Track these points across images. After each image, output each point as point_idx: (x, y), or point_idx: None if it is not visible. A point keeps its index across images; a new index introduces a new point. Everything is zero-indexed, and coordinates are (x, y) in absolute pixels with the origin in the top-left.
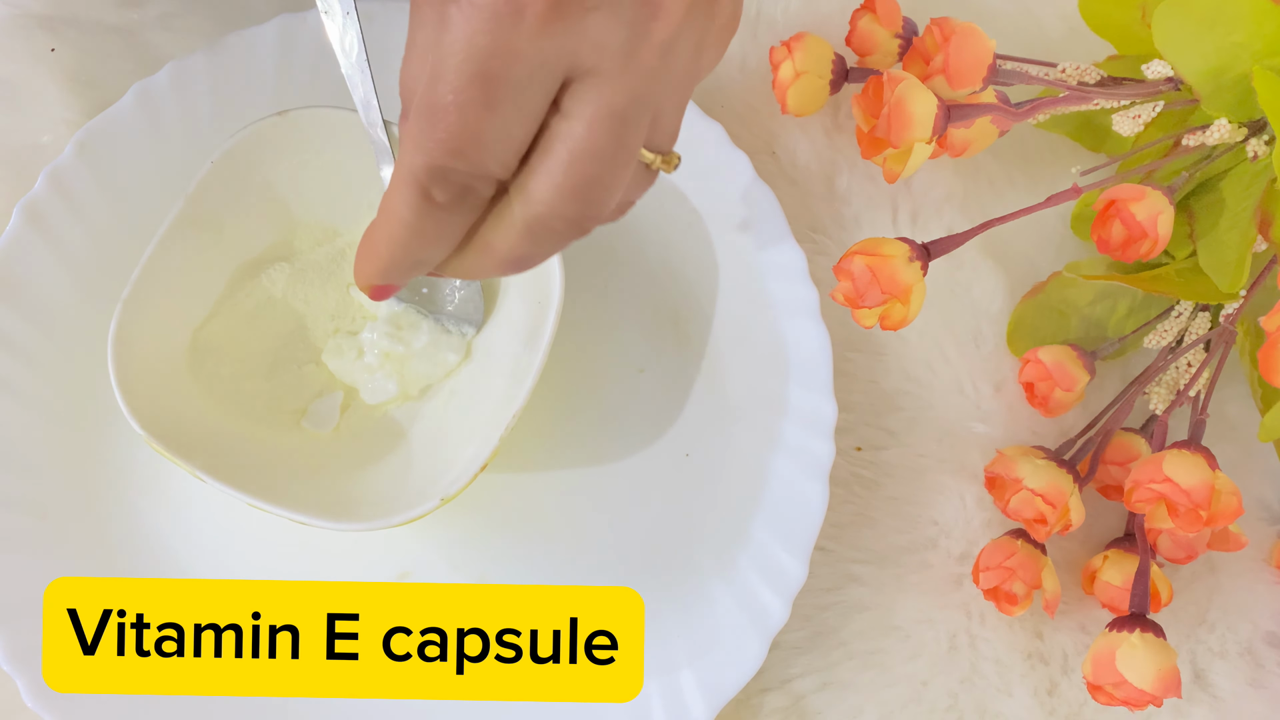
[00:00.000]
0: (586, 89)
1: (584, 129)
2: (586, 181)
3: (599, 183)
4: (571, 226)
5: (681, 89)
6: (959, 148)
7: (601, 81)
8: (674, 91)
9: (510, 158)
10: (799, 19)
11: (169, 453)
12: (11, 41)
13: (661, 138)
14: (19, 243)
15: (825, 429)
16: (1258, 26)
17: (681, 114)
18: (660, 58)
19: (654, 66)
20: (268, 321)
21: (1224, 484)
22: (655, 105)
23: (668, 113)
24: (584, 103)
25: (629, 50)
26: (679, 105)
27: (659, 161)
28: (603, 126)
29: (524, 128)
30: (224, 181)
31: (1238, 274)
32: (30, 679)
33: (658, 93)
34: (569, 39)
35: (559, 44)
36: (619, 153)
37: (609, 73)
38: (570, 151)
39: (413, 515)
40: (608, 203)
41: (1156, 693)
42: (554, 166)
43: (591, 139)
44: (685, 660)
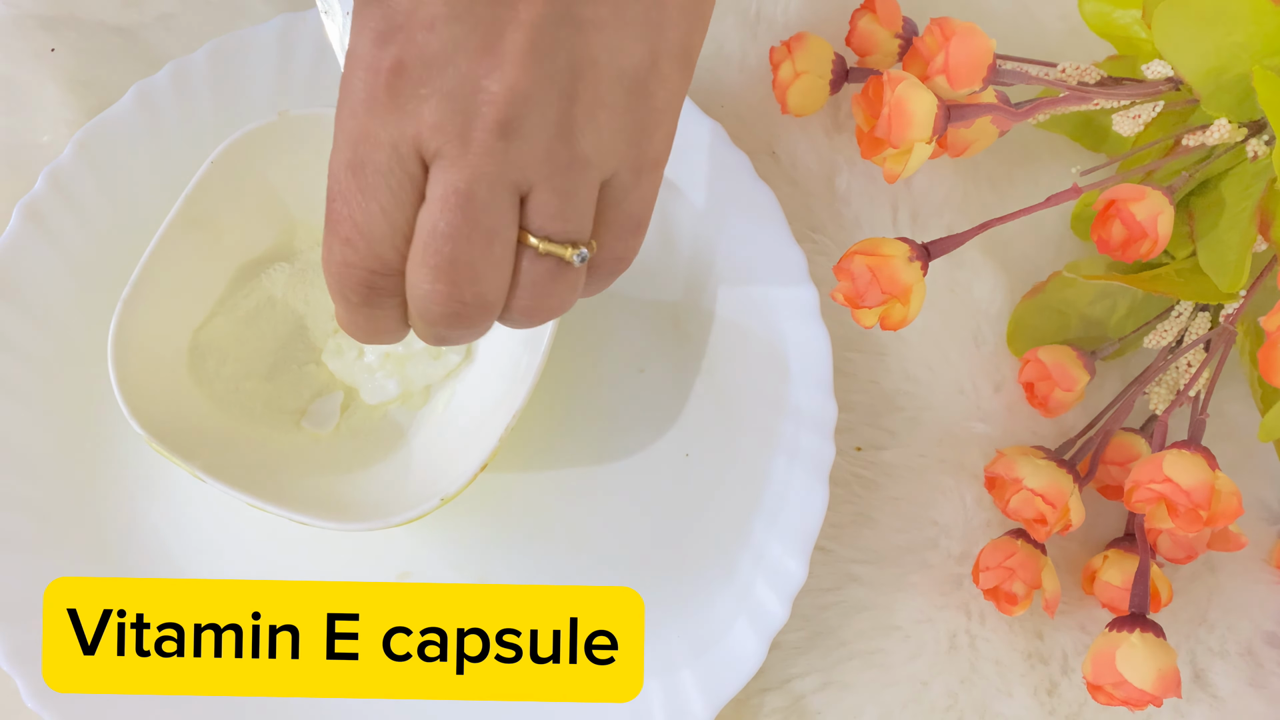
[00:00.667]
0: (435, 171)
1: (436, 208)
2: (447, 261)
3: (460, 262)
4: (449, 308)
5: (552, 170)
6: (959, 148)
7: (446, 163)
8: (541, 172)
9: (394, 243)
10: (799, 19)
11: (169, 453)
12: (11, 41)
13: (545, 219)
14: (19, 243)
15: (825, 429)
16: (1258, 26)
17: (570, 200)
18: (501, 138)
19: (494, 146)
20: (268, 321)
21: (1224, 484)
22: (515, 185)
23: (541, 195)
24: (434, 184)
25: (464, 131)
26: (558, 188)
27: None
28: (449, 204)
29: (397, 210)
30: (224, 181)
31: (1238, 274)
32: (30, 679)
33: (511, 172)
34: (408, 120)
35: (400, 125)
36: (473, 232)
37: (451, 154)
38: (426, 232)
39: (413, 515)
40: (479, 285)
41: (1156, 693)
42: (417, 248)
43: (442, 218)
44: (685, 660)
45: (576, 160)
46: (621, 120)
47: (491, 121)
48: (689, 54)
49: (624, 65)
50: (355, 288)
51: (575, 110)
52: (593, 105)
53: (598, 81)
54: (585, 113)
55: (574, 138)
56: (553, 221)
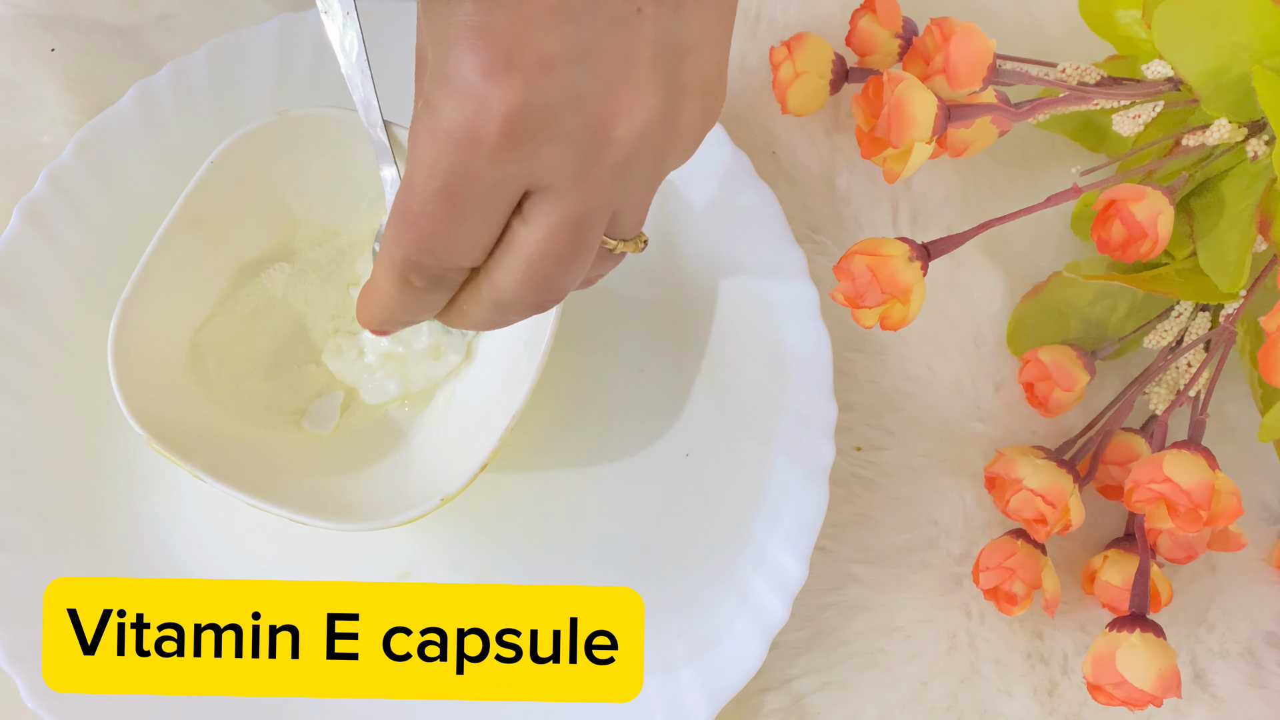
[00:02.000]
0: (544, 201)
1: (542, 236)
2: (545, 277)
3: (556, 278)
4: (533, 308)
5: (642, 191)
6: (959, 148)
7: (557, 197)
8: (634, 195)
9: (477, 255)
10: (799, 19)
11: (169, 453)
12: (11, 41)
13: (624, 229)
14: (19, 243)
15: (825, 429)
16: (1258, 26)
17: (645, 207)
18: (614, 177)
19: (608, 184)
20: (268, 321)
21: (1224, 484)
22: (614, 210)
23: (629, 211)
24: (542, 213)
25: (582, 173)
26: (641, 203)
27: (625, 247)
28: (559, 235)
29: (487, 233)
30: (224, 181)
31: (1238, 274)
32: (30, 679)
33: (615, 201)
34: (524, 165)
35: (514, 169)
36: (575, 255)
37: (564, 190)
38: (529, 255)
39: (413, 515)
40: (566, 289)
41: (1156, 693)
42: (515, 264)
43: (549, 246)
44: (685, 660)
45: (662, 177)
46: (699, 128)
47: (611, 164)
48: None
49: (707, 84)
50: (424, 276)
51: (673, 137)
52: (684, 127)
53: (692, 106)
54: (679, 136)
55: (666, 160)
56: (631, 229)
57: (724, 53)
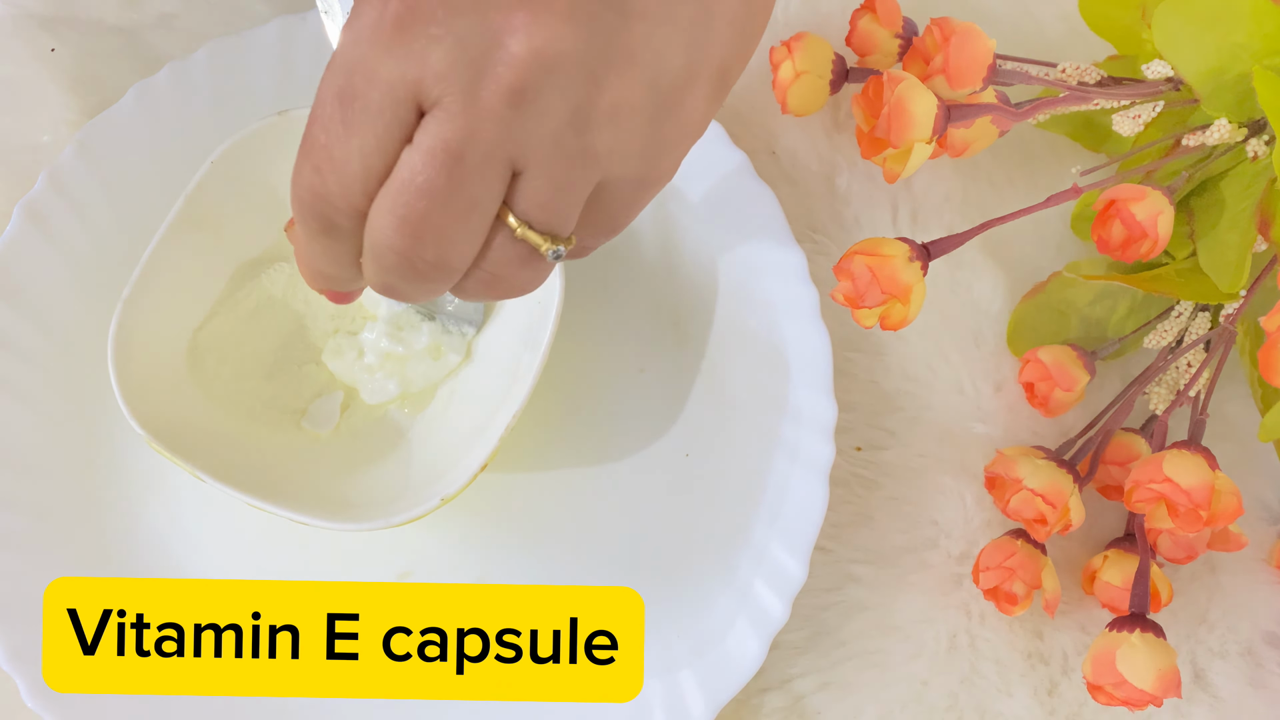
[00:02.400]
0: (430, 121)
1: (418, 159)
2: (415, 215)
3: (429, 220)
4: (406, 263)
5: (555, 157)
6: (959, 148)
7: (444, 115)
8: (543, 155)
9: (365, 184)
10: (799, 19)
11: (169, 453)
12: (11, 41)
13: (531, 206)
14: (19, 243)
15: (825, 429)
16: (1258, 26)
17: (563, 193)
18: (509, 105)
19: (501, 113)
20: (268, 321)
21: (1224, 484)
22: (511, 160)
23: (534, 178)
24: (424, 134)
25: (471, 87)
26: (554, 177)
27: (532, 236)
28: (435, 160)
29: (377, 153)
30: (224, 181)
31: (1238, 274)
32: (30, 679)
33: (510, 146)
34: (412, 62)
35: (404, 65)
36: (452, 193)
37: (451, 107)
38: (402, 180)
39: (413, 515)
40: (444, 249)
41: (1156, 693)
42: (387, 192)
43: (422, 171)
44: (685, 660)
45: (584, 154)
46: (643, 128)
47: (504, 84)
48: (727, 77)
49: (660, 70)
50: (315, 216)
51: (599, 100)
52: (618, 102)
53: (630, 79)
54: (608, 107)
55: (588, 130)
56: (539, 210)
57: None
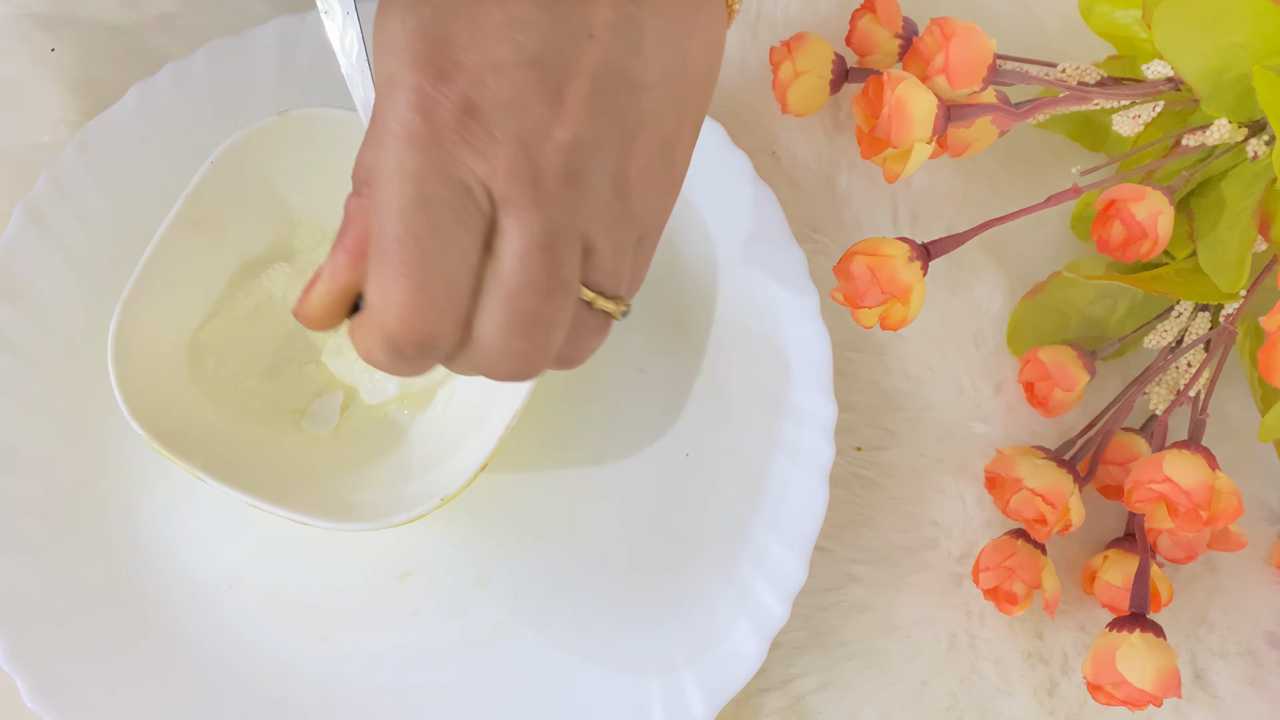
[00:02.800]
0: (509, 223)
1: (514, 262)
2: (528, 316)
3: (540, 316)
4: (523, 361)
5: (611, 225)
6: (959, 148)
7: (521, 212)
8: (602, 226)
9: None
10: (799, 19)
11: (169, 453)
12: (11, 41)
13: (601, 277)
14: (19, 243)
15: (825, 429)
16: (1258, 26)
17: (621, 256)
18: (568, 186)
19: (564, 195)
20: (268, 321)
21: (1224, 484)
22: (580, 237)
23: (601, 249)
24: (510, 239)
25: (536, 178)
26: (614, 243)
27: (605, 304)
28: (531, 257)
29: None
30: (224, 181)
31: (1238, 274)
32: (30, 679)
33: (580, 223)
34: (481, 160)
35: (475, 165)
36: (553, 282)
37: (522, 202)
38: (506, 289)
39: (413, 515)
40: (551, 336)
41: (1156, 693)
42: (494, 306)
43: (524, 270)
44: (685, 660)
45: (628, 217)
46: (660, 183)
47: (560, 169)
48: (698, 124)
49: (663, 130)
50: (416, 342)
51: (630, 168)
52: (643, 166)
53: (648, 143)
54: (637, 172)
55: (628, 195)
56: (608, 277)
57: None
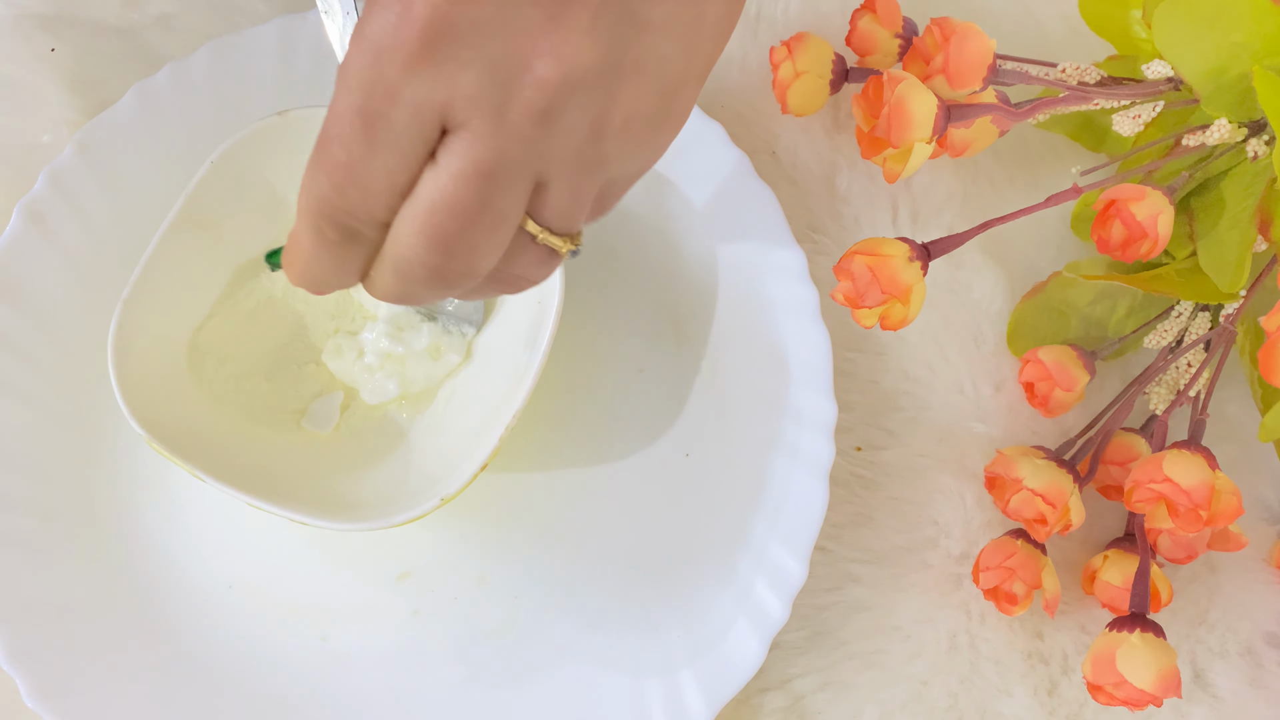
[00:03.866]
0: (457, 142)
1: (448, 180)
2: (447, 234)
3: (460, 237)
4: (435, 276)
5: (576, 169)
6: (959, 148)
7: (472, 137)
8: (565, 168)
9: (390, 199)
10: (799, 19)
11: (169, 453)
12: (11, 41)
13: (553, 214)
14: (19, 243)
15: (825, 429)
16: (1258, 26)
17: (580, 198)
18: (537, 125)
19: (529, 133)
20: (268, 321)
21: (1224, 484)
22: (535, 175)
23: (557, 188)
24: (452, 155)
25: (500, 110)
26: (574, 185)
27: (552, 239)
28: (466, 182)
29: (402, 171)
30: (224, 181)
31: (1238, 274)
32: (30, 679)
33: (536, 162)
34: (441, 85)
35: (431, 88)
36: (482, 211)
37: (479, 130)
38: (432, 200)
39: (413, 515)
40: (473, 260)
41: (1156, 693)
42: (417, 212)
43: (454, 192)
44: (685, 660)
45: (600, 162)
46: (647, 130)
47: (533, 107)
48: (706, 72)
49: (664, 74)
50: (334, 226)
51: (614, 112)
52: (630, 111)
53: (640, 87)
54: (621, 117)
55: (605, 139)
56: (560, 216)
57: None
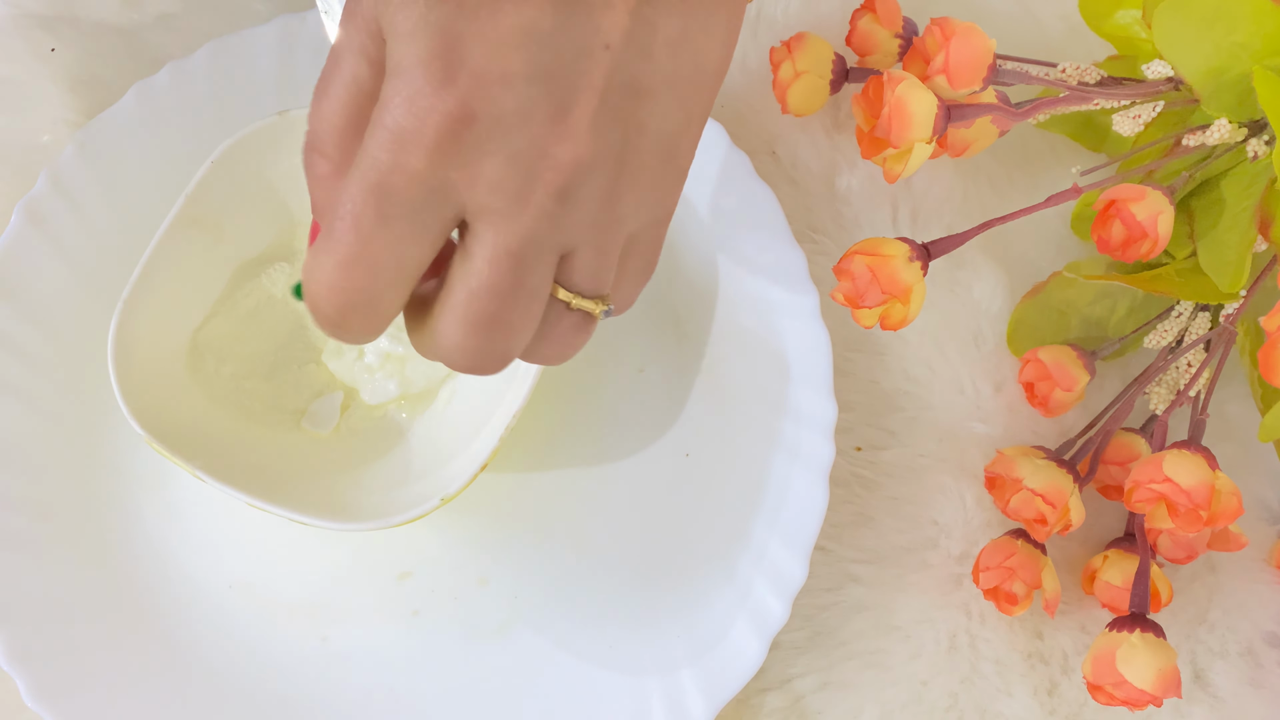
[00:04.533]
0: (484, 227)
1: (481, 266)
2: (485, 317)
3: (499, 320)
4: (475, 358)
5: (597, 234)
6: (959, 148)
7: (498, 220)
8: (585, 236)
9: (399, 291)
10: (799, 19)
11: (169, 453)
12: (11, 41)
13: (579, 279)
14: (19, 243)
15: (825, 429)
16: (1258, 26)
17: (605, 258)
18: (556, 203)
19: (551, 211)
20: (268, 321)
21: (1224, 484)
22: (561, 248)
23: (581, 254)
24: (480, 242)
25: (523, 193)
26: (597, 248)
27: (584, 303)
28: (499, 265)
29: (417, 255)
30: (224, 181)
31: (1238, 274)
32: (30, 679)
33: (560, 236)
34: (464, 171)
35: (454, 174)
36: (517, 292)
37: (504, 212)
38: (470, 287)
39: (413, 515)
40: (511, 338)
41: (1156, 693)
42: (454, 302)
43: (489, 275)
44: (685, 660)
45: (617, 222)
46: (657, 182)
47: (552, 188)
48: (705, 118)
49: (666, 130)
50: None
51: (623, 177)
52: (637, 170)
53: (643, 148)
54: (630, 178)
55: (618, 202)
56: (588, 280)
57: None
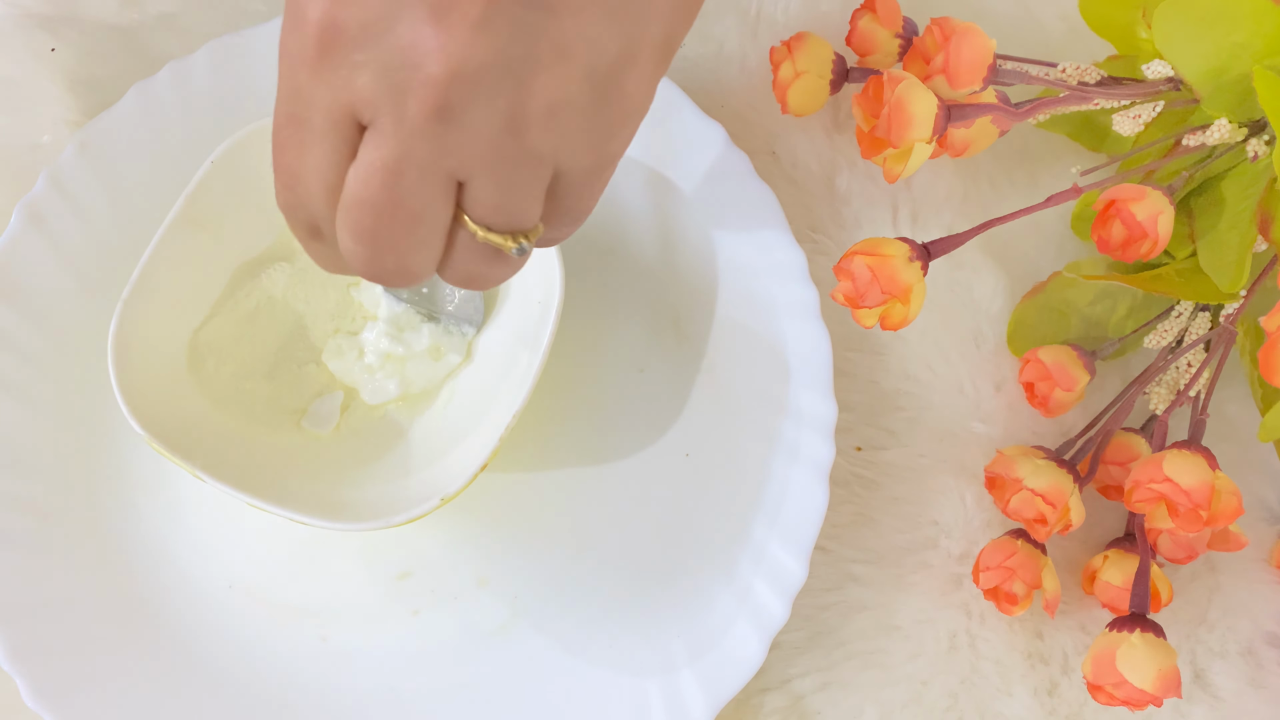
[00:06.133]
0: (367, 141)
1: (361, 177)
2: (365, 228)
3: (380, 233)
4: (370, 269)
5: (497, 164)
6: (959, 148)
7: (379, 135)
8: (484, 164)
9: (326, 197)
10: (799, 19)
11: (169, 453)
12: (11, 41)
13: (486, 211)
14: (19, 243)
15: (825, 429)
16: (1258, 26)
17: (514, 194)
18: (438, 122)
19: (431, 130)
20: (268, 321)
21: (1224, 484)
22: (451, 172)
23: (481, 186)
24: (363, 153)
25: (398, 108)
26: (503, 181)
27: (494, 238)
28: (374, 178)
29: (332, 173)
30: (224, 181)
31: (1238, 274)
32: (30, 679)
33: (447, 159)
34: (341, 87)
35: (334, 91)
36: (395, 211)
37: (384, 128)
38: (348, 197)
39: (413, 515)
40: (403, 257)
41: (1156, 693)
42: (342, 207)
43: (364, 187)
44: (685, 660)
45: (526, 156)
46: (587, 120)
47: (429, 104)
48: (670, 46)
49: (597, 60)
50: (297, 225)
51: (531, 103)
52: (554, 101)
53: (565, 76)
54: (543, 108)
55: (525, 132)
56: (493, 214)
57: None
